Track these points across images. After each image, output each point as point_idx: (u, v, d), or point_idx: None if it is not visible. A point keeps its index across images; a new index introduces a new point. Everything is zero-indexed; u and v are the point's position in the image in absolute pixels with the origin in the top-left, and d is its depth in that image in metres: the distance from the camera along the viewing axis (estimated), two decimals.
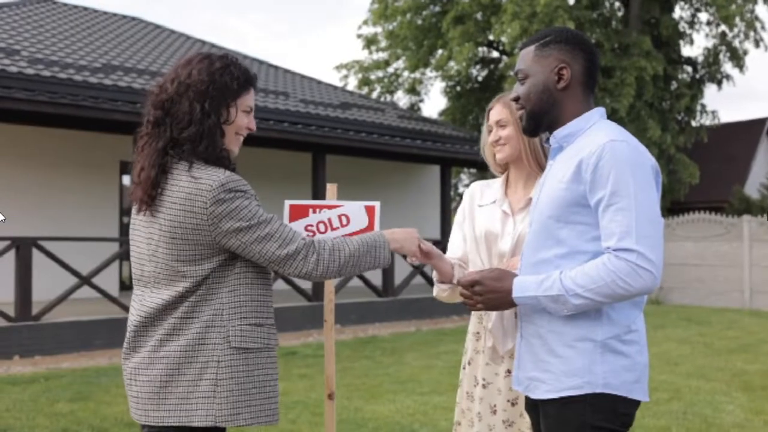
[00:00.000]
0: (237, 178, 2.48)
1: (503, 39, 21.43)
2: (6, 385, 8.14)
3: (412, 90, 28.16)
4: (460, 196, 34.08)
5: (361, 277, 14.00)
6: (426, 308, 15.25)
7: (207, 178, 2.43)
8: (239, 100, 2.57)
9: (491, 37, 23.64)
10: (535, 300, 2.38)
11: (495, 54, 26.94)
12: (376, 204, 2.95)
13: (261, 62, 20.24)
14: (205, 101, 2.50)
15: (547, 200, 2.46)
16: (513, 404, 3.07)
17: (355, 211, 2.97)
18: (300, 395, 7.62)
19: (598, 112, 2.54)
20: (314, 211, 3.00)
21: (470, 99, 26.85)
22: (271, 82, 18.24)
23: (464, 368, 3.25)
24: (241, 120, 2.60)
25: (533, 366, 2.47)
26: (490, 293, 2.46)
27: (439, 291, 3.18)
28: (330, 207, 2.99)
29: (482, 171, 27.87)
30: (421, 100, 29.31)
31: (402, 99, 28.79)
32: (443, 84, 27.44)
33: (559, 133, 2.52)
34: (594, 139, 2.39)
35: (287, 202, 2.99)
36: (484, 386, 3.12)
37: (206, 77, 2.52)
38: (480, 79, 27.30)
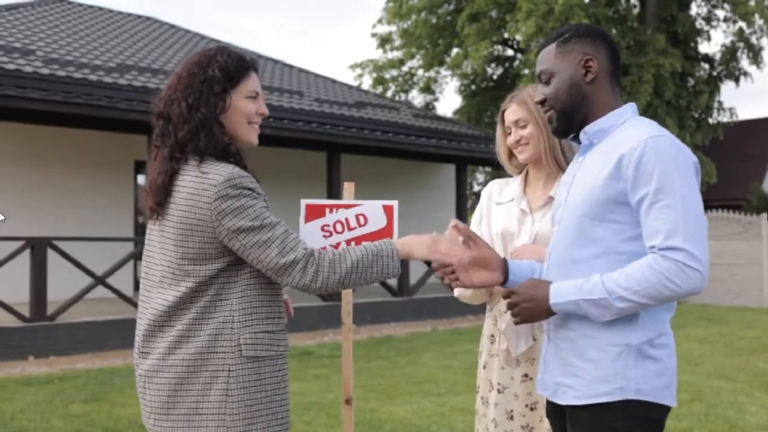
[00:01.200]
0: (245, 174, 2.40)
1: (518, 37, 21.33)
2: (21, 386, 8.12)
3: (427, 89, 28.08)
4: (476, 195, 34.00)
5: None
6: (442, 308, 15.16)
7: (214, 173, 2.37)
8: (237, 87, 2.49)
9: (506, 35, 23.53)
10: (575, 305, 2.27)
11: (510, 52, 26.82)
12: (395, 203, 2.87)
13: (275, 61, 20.19)
14: (189, 96, 2.44)
15: (580, 198, 2.36)
16: (532, 409, 2.99)
17: (373, 210, 2.89)
18: (315, 396, 7.55)
19: (631, 108, 2.46)
20: (331, 211, 2.92)
21: (485, 97, 26.73)
22: (285, 81, 18.18)
23: (480, 372, 3.17)
24: (247, 106, 2.52)
25: (561, 371, 2.38)
26: (526, 302, 2.34)
27: (462, 291, 3.09)
28: (347, 206, 2.90)
29: (497, 170, 27.77)
30: (436, 99, 29.23)
31: (417, 98, 28.72)
32: (458, 83, 27.35)
33: (590, 128, 2.44)
34: (633, 135, 2.30)
35: (303, 202, 2.91)
36: (499, 391, 3.03)
37: (191, 73, 2.48)
38: (495, 77, 27.17)
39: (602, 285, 2.23)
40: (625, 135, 2.33)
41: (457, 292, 3.12)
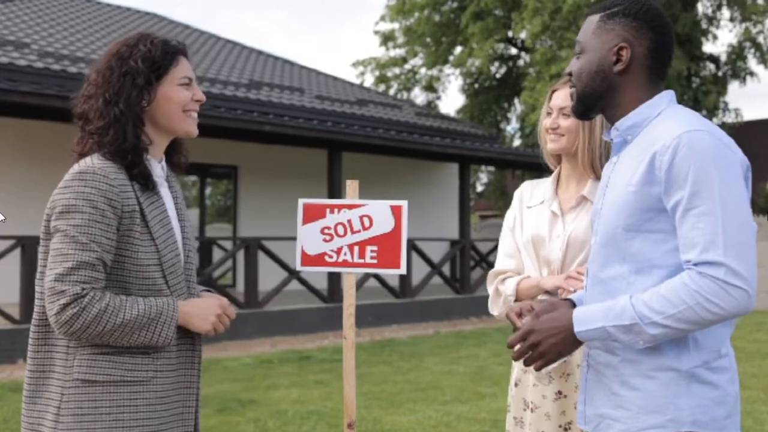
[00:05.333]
0: (95, 170, 2.14)
1: (523, 35, 21.06)
2: (7, 392, 7.82)
3: (430, 87, 27.79)
4: (479, 195, 33.71)
5: (378, 278, 13.62)
6: (444, 310, 14.87)
7: (78, 165, 2.18)
8: (166, 76, 2.29)
9: (510, 34, 23.26)
10: (603, 332, 1.95)
11: (514, 51, 26.53)
12: (404, 203, 2.56)
13: (276, 58, 19.91)
14: (107, 91, 2.23)
15: (613, 206, 2.04)
16: (566, 429, 2.69)
17: (380, 211, 2.57)
18: (316, 404, 7.24)
19: (667, 97, 2.11)
20: (332, 212, 2.62)
21: (488, 96, 26.46)
22: (286, 78, 17.91)
23: (511, 390, 2.86)
24: (180, 95, 2.31)
25: (605, 401, 2.06)
26: (550, 338, 2.00)
27: (504, 308, 2.78)
28: (350, 207, 2.60)
29: (501, 169, 27.49)
30: (438, 98, 28.97)
31: (419, 96, 28.43)
32: (461, 81, 27.07)
33: (622, 124, 2.11)
34: (666, 130, 1.97)
35: (301, 201, 2.60)
36: (532, 410, 2.73)
37: (110, 66, 2.26)
38: (498, 76, 26.88)
39: (632, 308, 1.91)
40: (660, 130, 2.00)
41: (500, 308, 2.82)
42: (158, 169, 2.33)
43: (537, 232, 2.75)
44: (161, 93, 2.28)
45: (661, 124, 2.03)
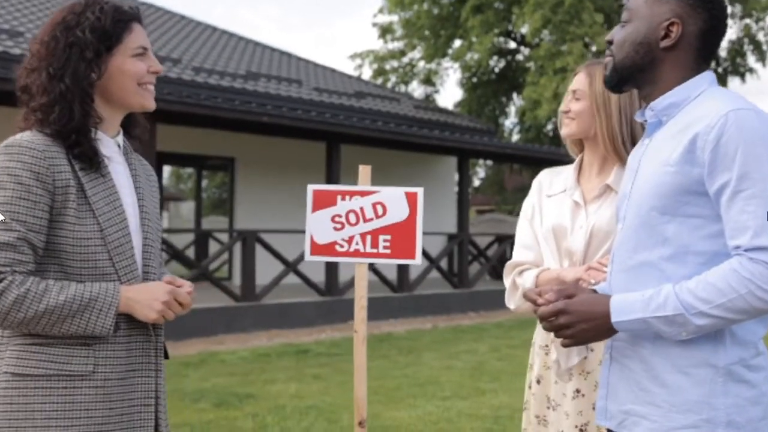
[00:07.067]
0: (21, 142, 1.98)
1: (523, 30, 20.95)
2: None
3: (428, 81, 27.63)
4: (475, 189, 33.60)
5: (375, 271, 13.50)
6: (442, 304, 14.76)
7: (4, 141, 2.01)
8: (119, 46, 2.08)
9: (510, 27, 23.14)
10: (643, 323, 1.84)
11: (513, 45, 26.38)
12: (419, 191, 2.45)
13: (273, 49, 19.75)
14: (51, 65, 2.03)
15: (647, 188, 1.92)
16: (581, 431, 2.56)
17: (394, 198, 2.45)
18: (314, 399, 7.12)
19: (708, 78, 1.99)
20: (343, 198, 2.50)
21: (487, 90, 26.29)
22: (284, 69, 17.77)
23: (530, 387, 2.74)
24: (134, 66, 2.10)
25: (631, 396, 1.93)
26: (582, 323, 1.90)
27: (522, 302, 2.65)
28: (363, 194, 2.47)
29: (499, 164, 27.36)
30: (437, 91, 28.80)
31: (416, 90, 28.27)
32: (459, 75, 26.93)
33: (658, 104, 1.99)
34: (710, 109, 1.86)
35: (311, 187, 2.47)
36: (553, 408, 2.61)
37: (54, 36, 2.05)
38: (497, 70, 26.73)
39: (676, 297, 1.80)
40: (701, 109, 1.89)
41: (515, 302, 2.69)
42: (111, 144, 2.14)
43: (558, 222, 2.63)
44: (113, 65, 2.08)
45: (703, 103, 1.91)
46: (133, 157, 2.24)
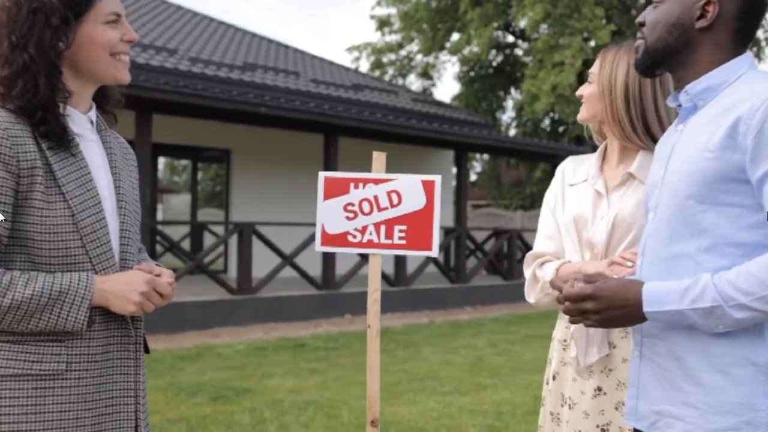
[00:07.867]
0: (7, 128, 1.80)
1: (523, 23, 20.86)
2: None
3: (425, 74, 27.53)
4: (471, 183, 33.47)
5: None
6: (439, 298, 14.66)
7: None
8: (89, 13, 1.90)
9: (511, 20, 23.04)
10: (678, 315, 1.73)
11: (511, 38, 26.28)
12: (437, 178, 2.32)
13: (270, 41, 19.60)
14: (14, 33, 1.84)
15: (682, 175, 1.80)
16: (603, 430, 2.45)
17: (410, 186, 2.33)
18: (312, 394, 7.01)
19: (747, 60, 1.87)
20: (356, 186, 2.38)
21: (484, 84, 26.22)
22: (281, 60, 17.64)
23: (547, 383, 2.63)
24: (106, 35, 1.92)
25: (664, 396, 1.82)
26: (612, 310, 1.80)
27: (542, 296, 2.54)
28: (377, 181, 2.36)
29: (496, 158, 27.25)
30: (434, 85, 28.71)
31: (414, 83, 28.17)
32: (457, 69, 26.85)
33: (693, 87, 1.87)
34: (752, 92, 1.74)
35: (322, 174, 2.35)
36: (570, 407, 2.50)
37: (15, 1, 1.86)
38: (495, 64, 26.63)
39: (714, 288, 1.68)
40: (743, 93, 1.77)
41: (535, 295, 2.58)
42: (83, 121, 1.97)
43: (579, 213, 2.52)
44: (83, 34, 1.90)
45: (744, 86, 1.80)
46: (108, 134, 2.07)
